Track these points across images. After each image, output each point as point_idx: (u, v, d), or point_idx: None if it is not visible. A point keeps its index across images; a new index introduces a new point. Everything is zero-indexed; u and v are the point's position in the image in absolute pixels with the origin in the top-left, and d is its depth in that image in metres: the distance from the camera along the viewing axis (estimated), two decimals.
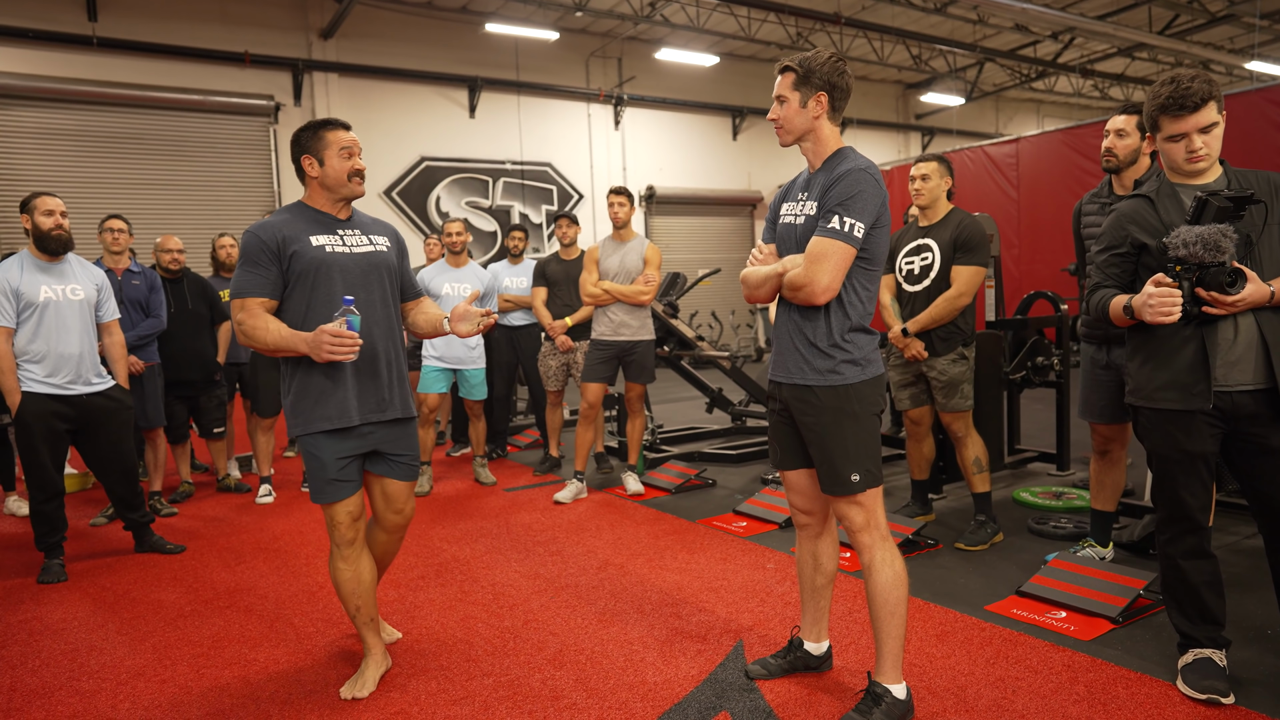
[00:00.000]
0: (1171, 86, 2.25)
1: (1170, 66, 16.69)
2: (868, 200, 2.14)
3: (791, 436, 2.36)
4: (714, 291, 14.27)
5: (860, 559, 2.29)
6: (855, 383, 2.22)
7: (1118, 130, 3.21)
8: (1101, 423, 3.32)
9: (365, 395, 2.51)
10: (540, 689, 2.53)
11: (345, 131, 2.56)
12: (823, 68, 2.21)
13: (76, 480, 5.58)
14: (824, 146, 2.28)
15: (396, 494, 2.66)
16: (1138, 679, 2.43)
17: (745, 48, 15.19)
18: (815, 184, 2.26)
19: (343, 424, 2.47)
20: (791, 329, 2.28)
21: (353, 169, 2.54)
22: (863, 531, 2.26)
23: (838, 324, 2.21)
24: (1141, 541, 3.50)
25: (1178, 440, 2.30)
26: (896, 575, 2.23)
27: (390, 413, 2.55)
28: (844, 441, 2.22)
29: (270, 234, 2.45)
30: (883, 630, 2.24)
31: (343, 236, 2.55)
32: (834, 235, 2.14)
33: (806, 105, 2.23)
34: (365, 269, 2.54)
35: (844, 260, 2.14)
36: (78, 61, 10.62)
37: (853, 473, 2.21)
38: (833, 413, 2.22)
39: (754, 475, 5.29)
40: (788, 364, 2.29)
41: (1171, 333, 2.28)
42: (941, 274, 3.67)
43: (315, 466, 2.50)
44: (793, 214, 2.33)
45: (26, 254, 3.82)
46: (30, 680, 2.73)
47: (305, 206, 2.58)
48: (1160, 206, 2.34)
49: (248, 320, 2.41)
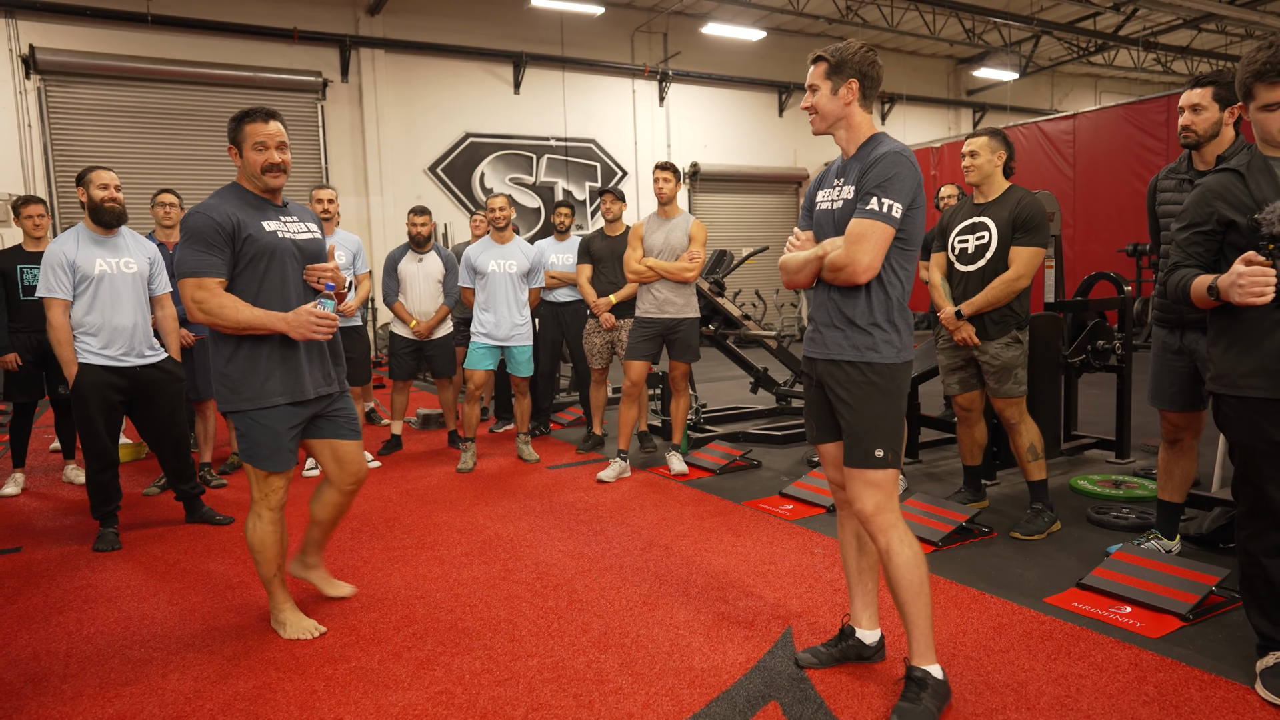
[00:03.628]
0: (1270, 51, 2.10)
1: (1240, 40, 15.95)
2: (904, 181, 2.17)
3: (825, 410, 2.38)
4: (758, 270, 14.07)
5: (876, 543, 2.25)
6: (891, 362, 2.24)
7: (1193, 105, 3.03)
8: (1173, 410, 3.17)
9: (314, 371, 2.74)
10: (585, 672, 2.50)
11: (264, 124, 2.65)
12: (853, 57, 2.27)
13: (130, 450, 5.70)
14: (857, 133, 2.31)
15: (348, 453, 2.85)
16: (1211, 680, 2.31)
17: (793, 22, 14.87)
18: (851, 169, 2.29)
19: (299, 397, 2.68)
20: (830, 308, 2.30)
21: (266, 162, 2.65)
22: (878, 514, 2.23)
23: (878, 303, 2.23)
24: (1211, 535, 3.34)
25: (1265, 430, 2.16)
26: (915, 554, 2.21)
27: (333, 385, 2.81)
28: (873, 416, 2.23)
29: (223, 216, 2.57)
30: (909, 612, 2.21)
31: (285, 223, 2.73)
32: (873, 216, 2.16)
33: (838, 93, 2.28)
34: (311, 255, 2.77)
35: (884, 240, 2.17)
36: (133, 39, 10.80)
37: (877, 447, 2.22)
38: (865, 387, 2.23)
39: (800, 457, 5.20)
40: (826, 340, 2.31)
41: (1261, 315, 2.14)
42: (998, 254, 3.52)
43: (266, 437, 2.66)
44: (829, 200, 2.35)
45: (82, 228, 3.87)
46: (85, 647, 2.78)
47: (243, 190, 2.72)
48: (1251, 181, 2.19)
49: (210, 299, 2.54)
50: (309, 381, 2.71)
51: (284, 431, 2.68)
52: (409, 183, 12.66)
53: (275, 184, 2.71)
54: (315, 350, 2.74)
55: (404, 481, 4.95)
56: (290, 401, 2.67)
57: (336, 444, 2.85)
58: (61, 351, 3.76)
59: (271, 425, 2.66)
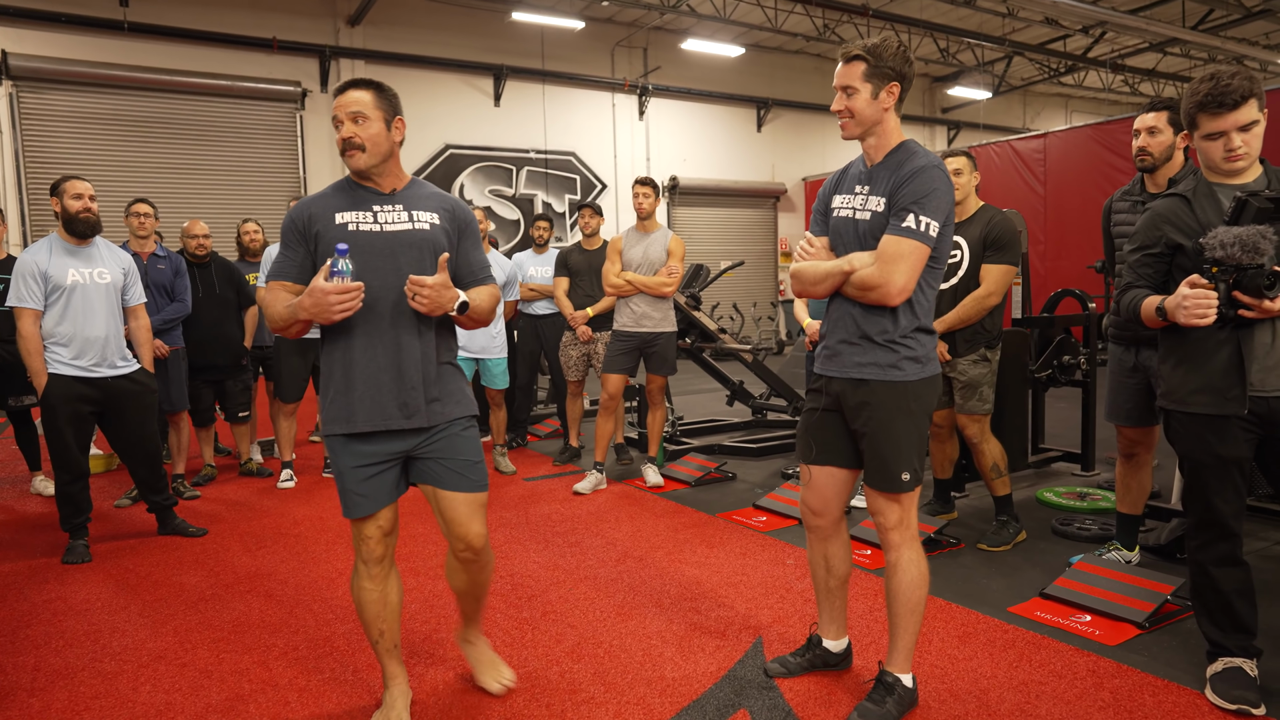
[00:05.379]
0: (1211, 83, 2.18)
1: (1203, 63, 16.36)
2: (941, 199, 2.10)
3: (832, 431, 2.31)
4: (735, 284, 14.19)
5: (886, 556, 2.27)
6: (914, 380, 2.18)
7: (1149, 128, 3.14)
8: (1128, 426, 3.27)
9: (380, 394, 2.14)
10: (558, 682, 2.53)
11: (343, 95, 2.21)
12: (895, 57, 2.14)
13: (101, 461, 5.65)
14: (887, 139, 2.20)
15: (450, 509, 2.22)
16: (1165, 686, 2.39)
17: (771, 39, 15.06)
18: (879, 178, 2.19)
19: (349, 429, 2.14)
20: (849, 324, 2.21)
21: (339, 141, 2.19)
22: (895, 530, 2.24)
23: (905, 321, 2.16)
24: (1168, 545, 3.44)
25: (1211, 445, 2.25)
26: (921, 575, 2.23)
27: (417, 419, 2.16)
28: (898, 439, 2.18)
29: (300, 212, 2.21)
30: (900, 625, 2.25)
31: (377, 213, 2.19)
32: (910, 235, 2.08)
33: (878, 96, 2.15)
34: (393, 249, 2.16)
35: (920, 260, 2.09)
36: (109, 46, 10.72)
37: (903, 471, 2.19)
38: (890, 409, 2.18)
39: (774, 469, 5.26)
40: (844, 358, 2.23)
41: (1206, 336, 2.22)
42: (970, 272, 3.61)
43: (336, 474, 2.21)
44: (851, 207, 2.25)
45: (56, 237, 3.86)
46: (54, 660, 2.76)
47: (350, 181, 2.26)
48: (1197, 206, 2.28)
49: (264, 298, 2.19)
50: (359, 408, 2.13)
51: (347, 471, 2.17)
52: None
53: (352, 165, 2.19)
54: (377, 364, 2.14)
55: None
56: (344, 433, 2.15)
57: (439, 495, 2.23)
58: (31, 362, 3.73)
59: (336, 460, 2.19)
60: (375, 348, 2.15)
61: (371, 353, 2.15)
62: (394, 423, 2.15)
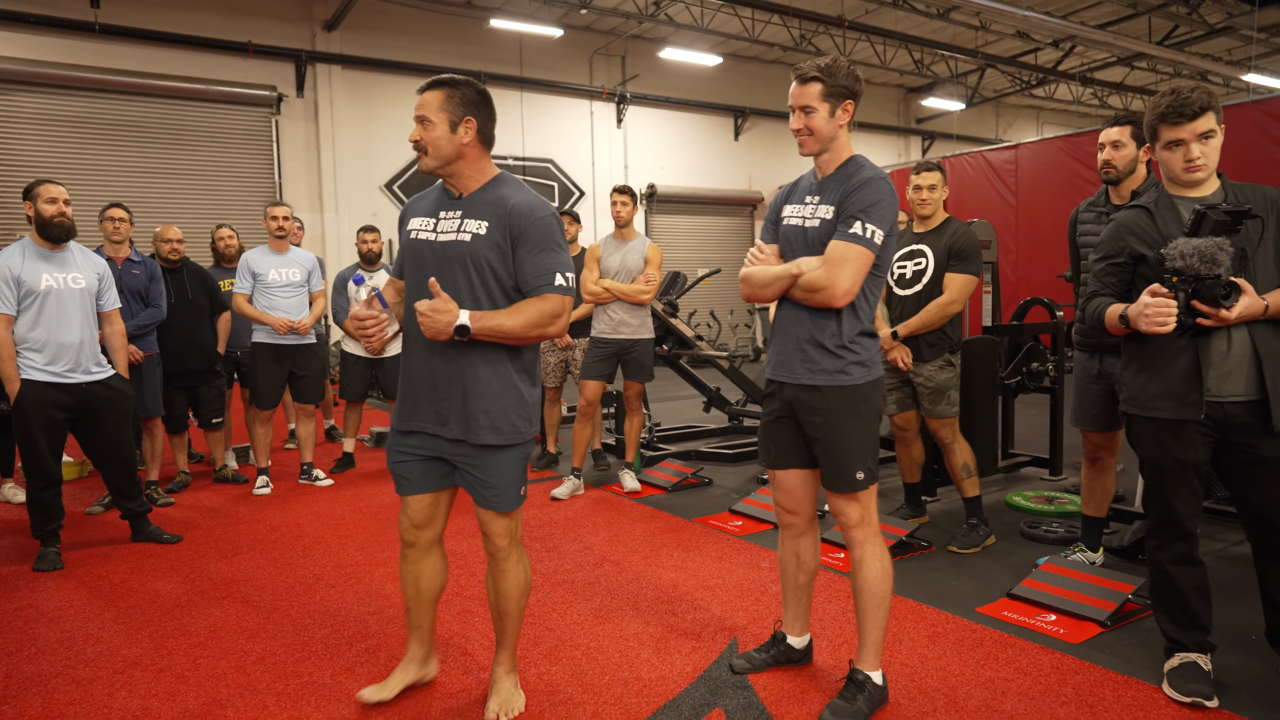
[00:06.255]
0: (1172, 96, 2.28)
1: (1169, 77, 16.76)
2: (887, 209, 2.21)
3: (788, 436, 2.41)
4: (713, 291, 14.29)
5: (851, 553, 2.35)
6: (862, 384, 2.28)
7: (1113, 142, 3.24)
8: (1093, 430, 3.36)
9: (419, 401, 2.24)
10: (536, 684, 2.55)
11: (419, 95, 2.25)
12: (848, 76, 2.25)
13: (73, 468, 5.59)
14: (839, 153, 2.31)
15: (481, 517, 2.31)
16: (1124, 681, 2.47)
17: (749, 49, 15.21)
18: (829, 189, 2.29)
19: (396, 425, 2.31)
20: (799, 330, 2.31)
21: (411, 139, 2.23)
22: (857, 527, 2.32)
23: (848, 326, 2.26)
24: (1131, 547, 3.54)
25: (1170, 449, 2.33)
26: (885, 570, 2.31)
27: (448, 431, 2.21)
28: (850, 441, 2.28)
29: (403, 212, 2.35)
30: (868, 621, 2.32)
31: (440, 220, 2.21)
32: (856, 240, 2.18)
33: (835, 114, 2.26)
34: (439, 260, 2.17)
35: (865, 265, 2.20)
36: (80, 48, 10.61)
37: (857, 470, 2.28)
38: (840, 413, 2.27)
39: (750, 475, 5.32)
40: (793, 365, 2.32)
41: (1166, 343, 2.30)
42: (934, 280, 3.70)
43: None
44: (800, 216, 2.34)
45: (29, 241, 3.83)
46: (26, 668, 2.74)
47: (442, 182, 2.30)
48: (1159, 218, 2.37)
49: None
50: (404, 408, 2.28)
51: (390, 452, 2.33)
52: (364, 200, 12.62)
53: (420, 169, 2.23)
54: (419, 373, 2.23)
55: (357, 499, 4.94)
56: (396, 428, 2.32)
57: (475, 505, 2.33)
58: (3, 368, 3.70)
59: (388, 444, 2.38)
60: (417, 357, 2.25)
61: (415, 361, 2.25)
62: (429, 428, 2.24)
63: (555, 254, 2.18)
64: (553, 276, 2.17)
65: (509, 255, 2.16)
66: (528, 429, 2.28)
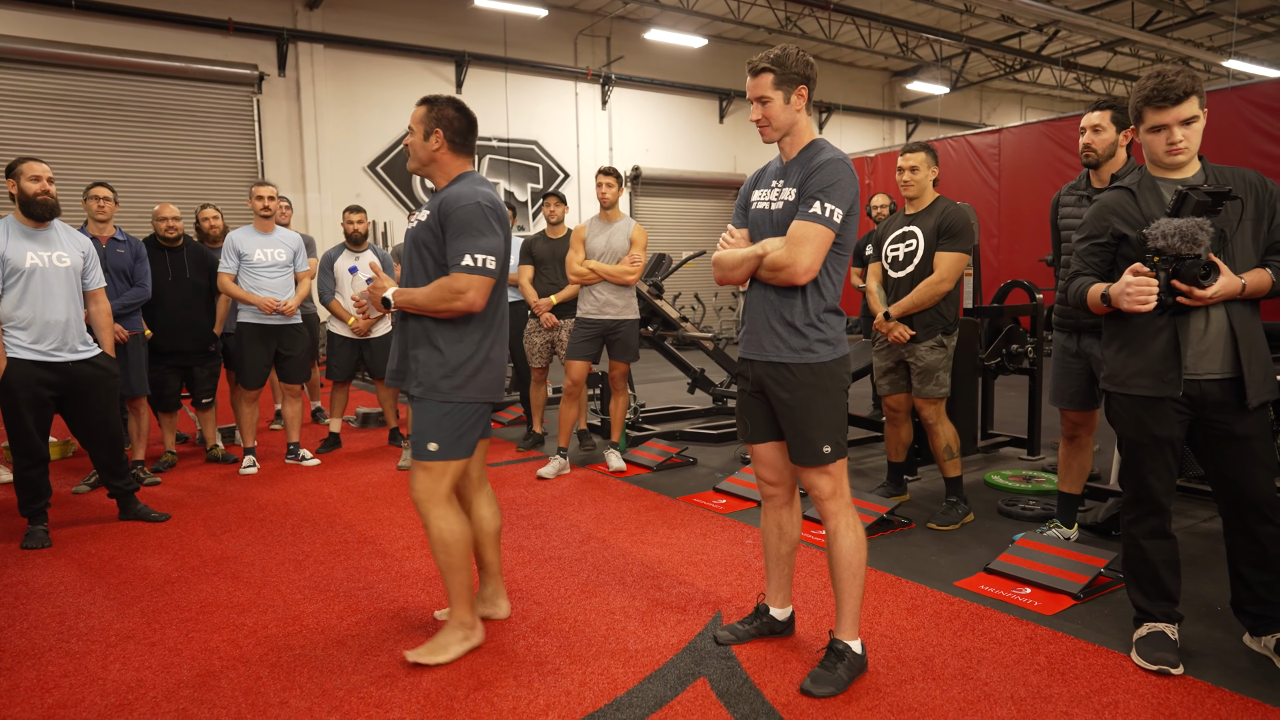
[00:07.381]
0: (1156, 80, 2.32)
1: (1151, 62, 16.89)
2: (845, 189, 2.28)
3: (761, 411, 2.48)
4: (697, 273, 14.33)
5: (825, 526, 2.43)
6: (828, 360, 2.35)
7: (1094, 126, 3.29)
8: (1071, 409, 3.44)
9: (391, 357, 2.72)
10: (525, 654, 2.61)
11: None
12: (798, 62, 2.33)
13: (57, 448, 5.57)
14: (799, 138, 2.39)
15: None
16: (1095, 650, 2.55)
17: (734, 30, 15.17)
18: (792, 172, 2.37)
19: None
20: (767, 309, 2.38)
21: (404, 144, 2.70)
22: (830, 499, 2.39)
23: (814, 305, 2.33)
24: (1105, 523, 3.63)
25: (1147, 425, 2.40)
26: (858, 540, 2.39)
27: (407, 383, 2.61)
28: (817, 416, 2.35)
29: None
30: (844, 591, 2.39)
31: (416, 213, 2.64)
32: (815, 219, 2.26)
33: (790, 101, 2.34)
34: (408, 245, 2.62)
35: (825, 243, 2.27)
36: (57, 24, 10.44)
37: (825, 444, 2.35)
38: (807, 388, 2.34)
39: (734, 454, 5.39)
40: (762, 342, 2.40)
41: (1146, 322, 2.36)
42: (925, 260, 3.75)
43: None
44: (767, 200, 2.42)
45: (12, 220, 3.81)
46: (19, 642, 2.77)
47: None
48: (1141, 199, 2.42)
49: None
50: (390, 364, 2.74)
51: None
52: (348, 180, 12.53)
53: (408, 168, 2.70)
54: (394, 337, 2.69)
55: (344, 479, 4.97)
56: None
57: None
58: None
59: None
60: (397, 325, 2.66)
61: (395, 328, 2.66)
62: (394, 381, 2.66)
63: (471, 238, 2.47)
64: (461, 257, 2.45)
65: (441, 238, 2.50)
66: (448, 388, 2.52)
